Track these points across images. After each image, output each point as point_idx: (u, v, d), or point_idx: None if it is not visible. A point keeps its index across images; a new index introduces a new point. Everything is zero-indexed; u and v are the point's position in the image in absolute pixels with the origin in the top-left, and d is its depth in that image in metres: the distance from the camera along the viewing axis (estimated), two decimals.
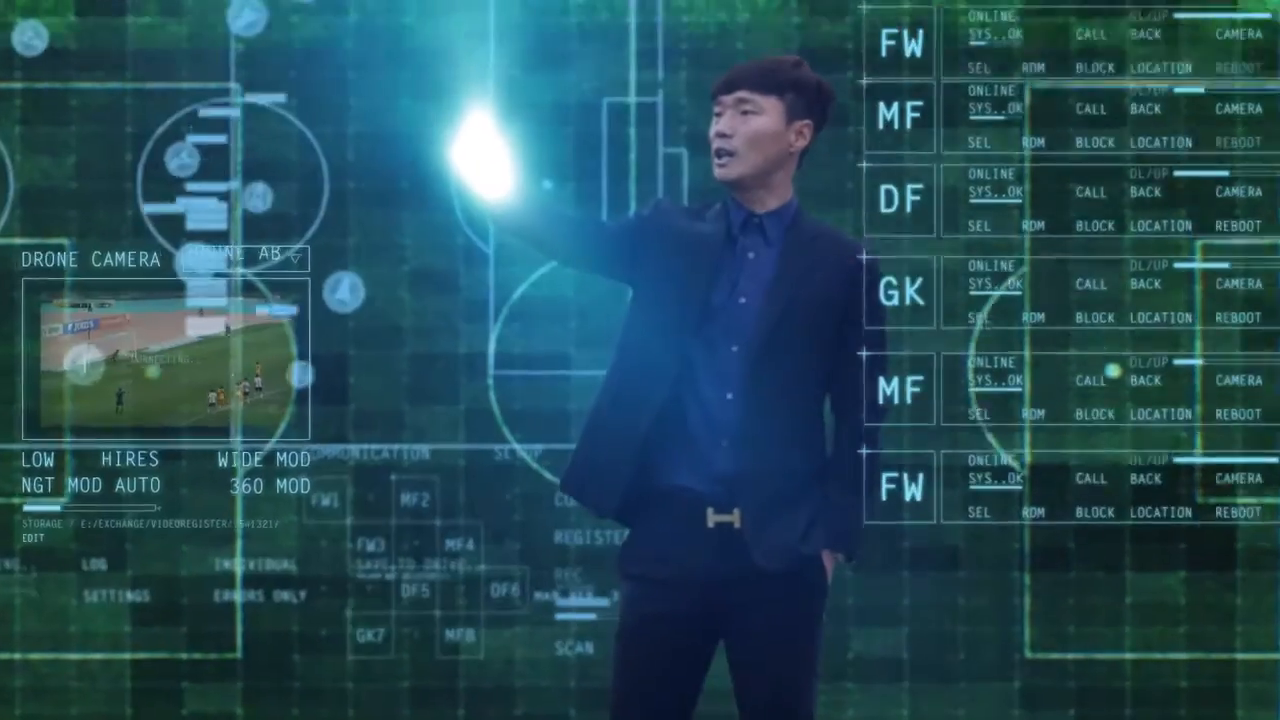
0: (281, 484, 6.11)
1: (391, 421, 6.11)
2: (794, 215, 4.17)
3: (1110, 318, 6.13)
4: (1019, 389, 6.06)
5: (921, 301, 5.82)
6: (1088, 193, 6.11)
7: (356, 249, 6.10)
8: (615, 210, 6.05)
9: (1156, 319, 6.10)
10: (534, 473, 6.17)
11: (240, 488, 6.06)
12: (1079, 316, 6.13)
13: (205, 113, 6.10)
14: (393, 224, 6.13)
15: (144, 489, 6.15)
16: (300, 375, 6.12)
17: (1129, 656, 6.14)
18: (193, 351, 6.12)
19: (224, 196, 6.11)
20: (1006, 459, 6.05)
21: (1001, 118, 6.11)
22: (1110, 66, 6.11)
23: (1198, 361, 6.05)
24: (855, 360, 4.14)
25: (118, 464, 6.14)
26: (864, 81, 6.01)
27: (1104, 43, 6.12)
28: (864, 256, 4.16)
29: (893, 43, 5.97)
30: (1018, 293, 6.13)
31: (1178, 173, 6.09)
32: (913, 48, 5.99)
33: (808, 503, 4.11)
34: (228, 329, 6.10)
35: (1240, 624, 6.14)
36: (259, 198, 6.12)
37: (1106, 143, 6.12)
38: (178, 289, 6.13)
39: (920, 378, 5.98)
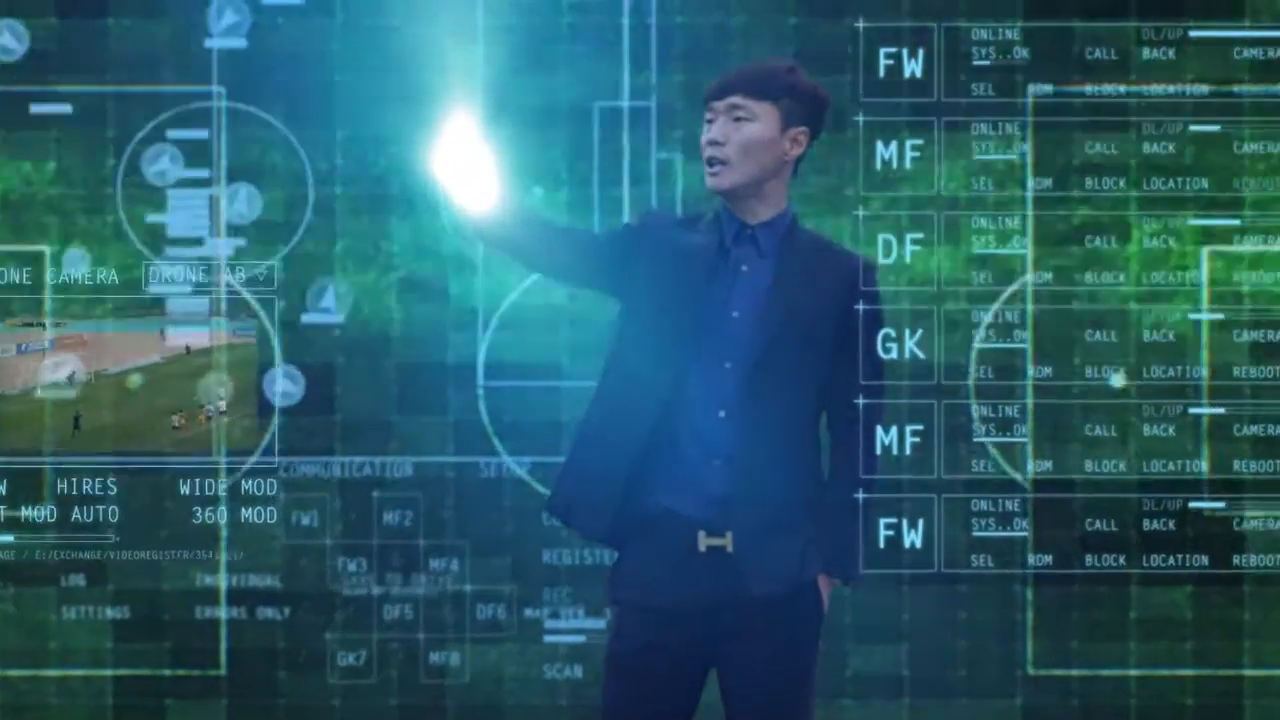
0: (264, 499, 6.08)
1: (378, 433, 6.08)
2: (789, 226, 4.10)
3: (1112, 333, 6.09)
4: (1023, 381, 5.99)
5: (922, 355, 5.74)
6: (1098, 242, 6.03)
7: (343, 256, 6.06)
8: (607, 218, 6.00)
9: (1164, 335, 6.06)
10: (523, 487, 6.12)
11: (223, 503, 6.03)
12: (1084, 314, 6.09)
13: (187, 117, 6.08)
14: (380, 230, 6.08)
15: (115, 510, 6.10)
16: (281, 387, 6.07)
17: (1134, 673, 6.10)
18: (153, 373, 6.01)
19: (206, 204, 6.07)
20: (1010, 472, 6.01)
21: (1006, 158, 6.02)
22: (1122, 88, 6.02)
23: (1204, 371, 6.02)
24: (853, 376, 4.08)
25: (74, 489, 6.10)
26: (860, 119, 5.93)
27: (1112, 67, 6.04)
28: (861, 266, 4.10)
29: (891, 62, 5.86)
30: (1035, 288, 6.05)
31: (1192, 221, 6.02)
32: (912, 67, 5.91)
33: (804, 525, 4.06)
34: (188, 350, 6.01)
35: (1248, 639, 6.10)
36: (242, 204, 6.08)
37: (1119, 184, 6.02)
38: (139, 307, 6.02)
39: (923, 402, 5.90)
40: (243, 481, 6.03)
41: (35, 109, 6.05)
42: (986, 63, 6.04)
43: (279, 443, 6.04)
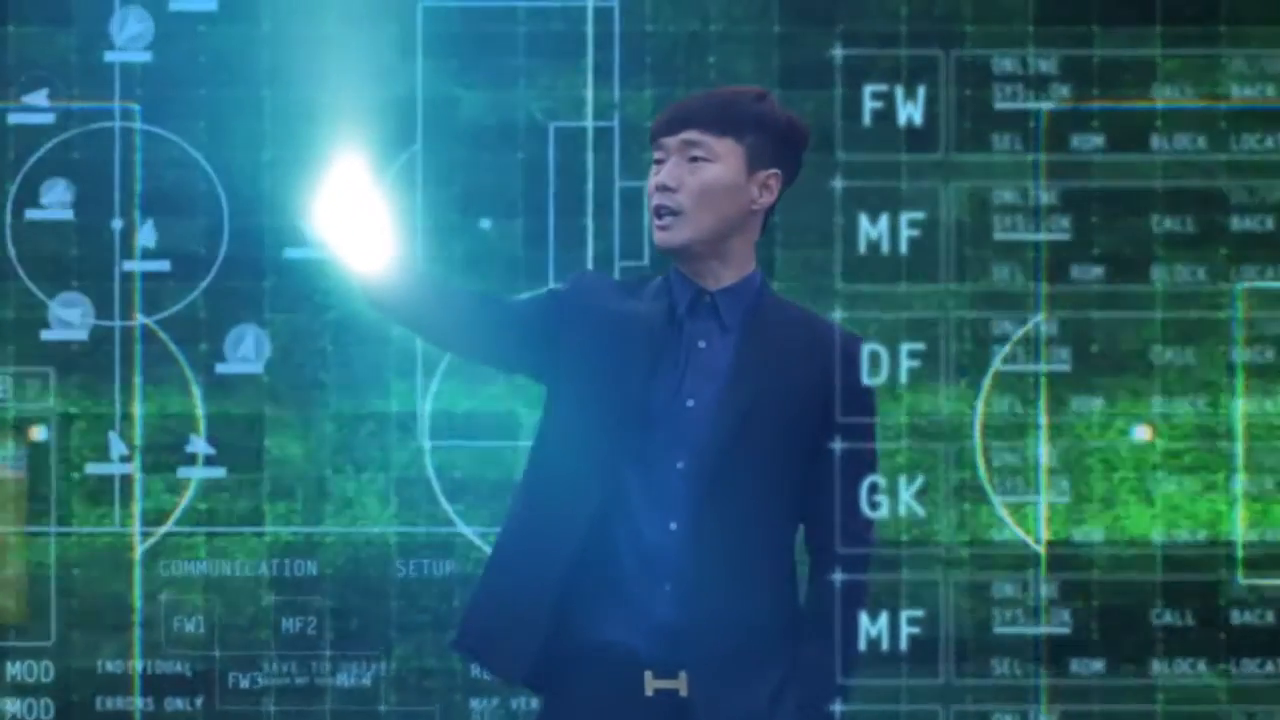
0: (178, 572, 5.91)
1: (309, 493, 5.91)
2: (756, 292, 3.72)
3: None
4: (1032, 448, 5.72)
5: (921, 512, 5.32)
6: (1168, 355, 5.69)
7: (271, 294, 5.91)
8: (566, 251, 5.86)
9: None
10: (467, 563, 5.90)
11: (139, 581, 5.87)
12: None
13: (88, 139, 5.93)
14: (311, 265, 5.89)
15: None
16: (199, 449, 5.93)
17: None
18: None
19: (109, 235, 5.89)
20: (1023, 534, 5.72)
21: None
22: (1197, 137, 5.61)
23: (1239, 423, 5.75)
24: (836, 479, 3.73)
25: None
26: (837, 184, 5.48)
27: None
28: (841, 339, 3.73)
29: (880, 104, 5.37)
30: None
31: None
32: (909, 111, 5.47)
33: (774, 664, 3.67)
34: None
35: None
36: (149, 236, 5.90)
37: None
38: None
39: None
40: (158, 547, 5.85)
41: None
42: (1011, 105, 5.52)
43: (200, 505, 5.87)
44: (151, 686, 5.85)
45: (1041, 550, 5.70)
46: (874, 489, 3.54)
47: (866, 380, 3.52)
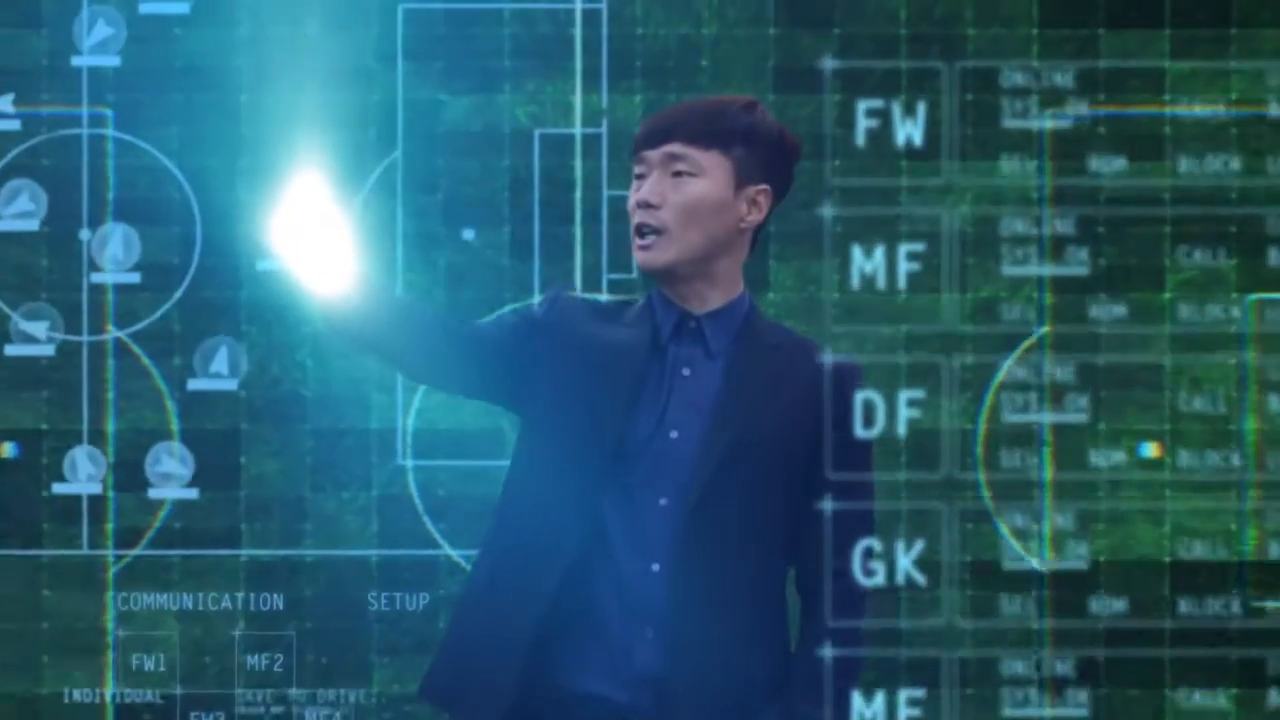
0: (150, 595, 5.85)
1: (287, 513, 5.81)
2: (745, 316, 3.60)
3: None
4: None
5: (922, 581, 5.17)
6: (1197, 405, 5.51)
7: (247, 306, 5.84)
8: (550, 264, 5.79)
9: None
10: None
11: (112, 603, 5.79)
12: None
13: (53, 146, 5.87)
14: (288, 276, 5.78)
15: None
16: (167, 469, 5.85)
17: None
18: None
19: (77, 246, 5.83)
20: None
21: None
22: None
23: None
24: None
25: None
26: (826, 211, 5.31)
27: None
28: (834, 367, 3.62)
29: (875, 122, 5.17)
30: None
31: None
32: (908, 130, 5.23)
33: (765, 714, 3.54)
34: None
35: None
36: (119, 246, 5.82)
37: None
38: None
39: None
40: (130, 570, 5.77)
41: None
42: (1022, 123, 5.30)
43: (174, 525, 5.79)
44: (122, 716, 5.79)
45: (1045, 573, 5.57)
46: (869, 554, 3.37)
47: (861, 431, 3.36)
